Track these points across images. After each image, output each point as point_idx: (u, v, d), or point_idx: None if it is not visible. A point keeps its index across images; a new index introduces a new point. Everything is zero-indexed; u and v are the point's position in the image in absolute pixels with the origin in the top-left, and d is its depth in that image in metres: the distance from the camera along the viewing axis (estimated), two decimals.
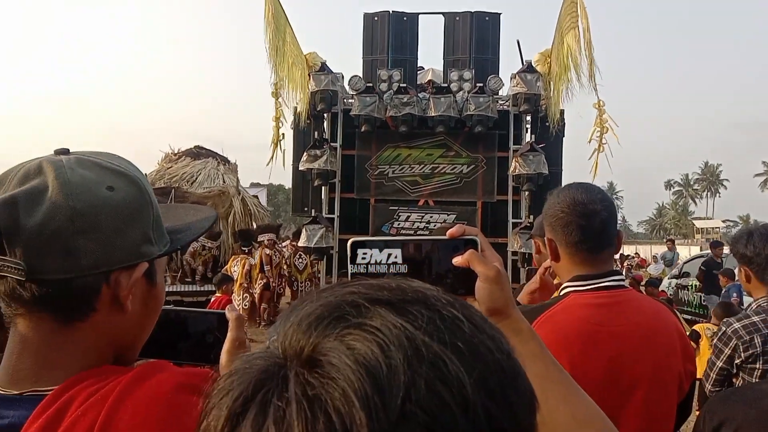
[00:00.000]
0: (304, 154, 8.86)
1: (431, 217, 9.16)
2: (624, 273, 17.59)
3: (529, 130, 9.23)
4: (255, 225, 14.32)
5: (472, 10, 9.19)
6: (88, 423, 0.75)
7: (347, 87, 9.05)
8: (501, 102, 9.01)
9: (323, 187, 9.25)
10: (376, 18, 9.31)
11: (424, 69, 10.18)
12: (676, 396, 1.66)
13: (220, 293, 7.88)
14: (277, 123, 9.07)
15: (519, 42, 9.46)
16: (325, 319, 0.45)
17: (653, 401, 1.60)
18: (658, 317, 1.70)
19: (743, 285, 2.74)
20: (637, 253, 35.25)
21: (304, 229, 8.97)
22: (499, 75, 8.99)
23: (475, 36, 9.09)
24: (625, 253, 29.30)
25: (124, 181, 0.88)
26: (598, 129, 8.31)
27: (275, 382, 0.42)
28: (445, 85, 8.99)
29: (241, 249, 12.49)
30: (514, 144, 8.96)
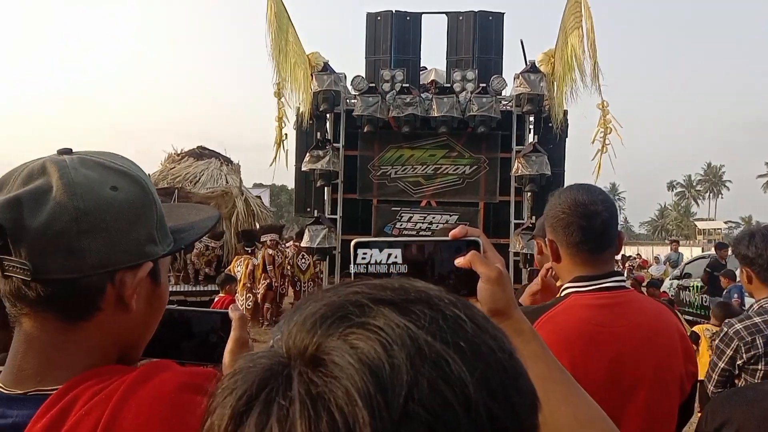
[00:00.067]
0: (307, 155, 8.84)
1: (433, 217, 9.13)
2: (625, 274, 17.58)
3: (532, 131, 9.20)
4: (258, 225, 14.33)
5: (476, 10, 9.14)
6: (92, 422, 0.75)
7: (350, 87, 9.01)
8: (504, 102, 8.96)
9: (326, 188, 9.21)
10: (378, 18, 9.27)
11: (426, 69, 10.14)
12: (678, 397, 1.66)
13: (223, 293, 7.90)
14: (279, 123, 9.05)
15: (522, 42, 9.44)
16: (328, 319, 0.45)
17: (654, 402, 1.60)
18: (660, 318, 1.70)
19: (745, 286, 2.74)
20: (638, 254, 35.15)
21: (307, 230, 8.94)
22: (502, 75, 8.93)
23: (479, 36, 9.04)
24: (626, 254, 29.25)
25: (127, 180, 0.88)
26: (601, 130, 8.28)
27: (279, 381, 0.43)
28: (448, 85, 8.94)
29: (245, 249, 12.49)
30: (517, 145, 8.91)
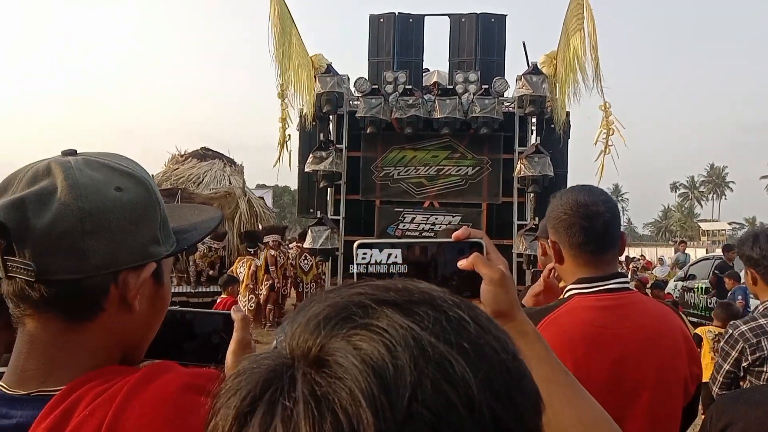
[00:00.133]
0: (310, 156, 8.85)
1: (436, 218, 9.13)
2: (629, 275, 17.54)
3: (534, 132, 9.18)
4: (261, 226, 14.34)
5: (478, 12, 9.15)
6: (95, 423, 0.75)
7: (353, 89, 9.03)
8: (506, 104, 8.95)
9: (329, 189, 9.22)
10: (381, 20, 9.27)
11: (429, 71, 10.13)
12: (682, 398, 1.65)
13: (225, 294, 7.90)
14: (283, 124, 9.05)
15: (525, 44, 9.44)
16: (332, 320, 0.45)
17: (658, 403, 1.60)
18: (663, 320, 1.69)
19: (749, 288, 2.73)
20: (642, 256, 35.13)
21: (310, 231, 8.95)
22: (504, 77, 8.93)
23: (481, 38, 9.05)
24: (630, 256, 29.22)
25: (131, 181, 0.88)
26: (604, 131, 8.27)
27: (283, 382, 0.43)
28: (451, 86, 8.95)
29: (247, 250, 12.50)
30: (519, 146, 8.92)
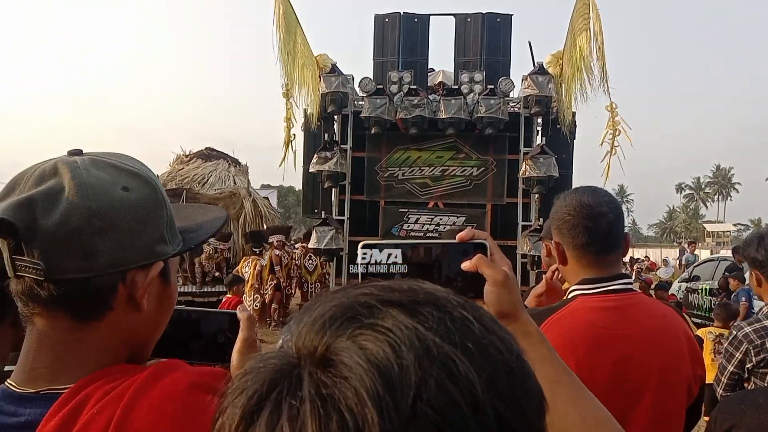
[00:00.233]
0: (315, 156, 8.85)
1: (441, 219, 9.12)
2: (634, 276, 17.49)
3: (539, 133, 9.16)
4: (265, 226, 14.35)
5: (484, 12, 9.14)
6: (103, 421, 0.76)
7: (358, 89, 9.02)
8: (512, 104, 8.94)
9: (333, 189, 9.23)
10: (386, 19, 9.27)
11: (434, 71, 10.12)
12: (685, 399, 1.65)
13: (231, 294, 7.92)
14: (288, 124, 9.05)
15: (530, 43, 9.41)
16: (337, 320, 0.45)
17: (660, 404, 1.60)
18: (666, 321, 1.69)
19: (754, 289, 2.72)
20: (647, 257, 35.02)
21: (314, 231, 8.95)
22: (510, 77, 8.92)
23: (486, 37, 9.04)
24: (635, 257, 29.14)
25: (138, 181, 0.89)
26: (610, 131, 8.24)
27: (289, 381, 0.43)
28: (456, 86, 8.94)
29: (252, 250, 12.51)
30: (524, 146, 8.90)
